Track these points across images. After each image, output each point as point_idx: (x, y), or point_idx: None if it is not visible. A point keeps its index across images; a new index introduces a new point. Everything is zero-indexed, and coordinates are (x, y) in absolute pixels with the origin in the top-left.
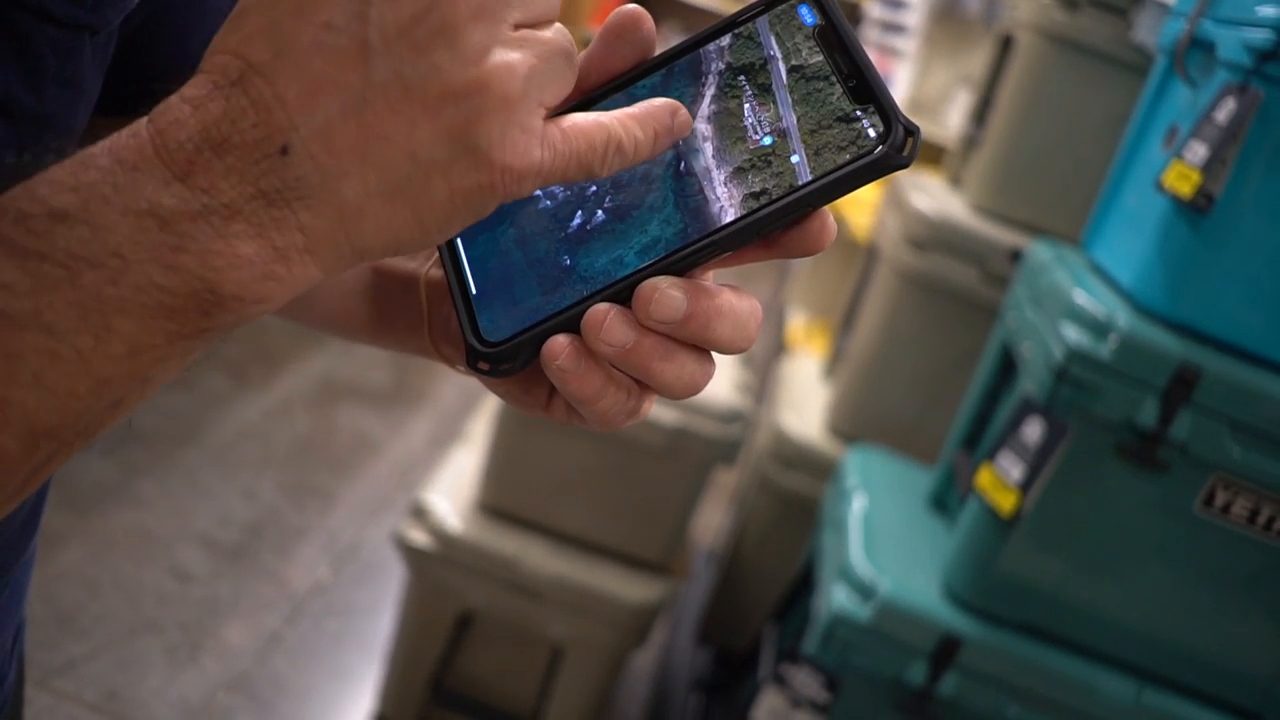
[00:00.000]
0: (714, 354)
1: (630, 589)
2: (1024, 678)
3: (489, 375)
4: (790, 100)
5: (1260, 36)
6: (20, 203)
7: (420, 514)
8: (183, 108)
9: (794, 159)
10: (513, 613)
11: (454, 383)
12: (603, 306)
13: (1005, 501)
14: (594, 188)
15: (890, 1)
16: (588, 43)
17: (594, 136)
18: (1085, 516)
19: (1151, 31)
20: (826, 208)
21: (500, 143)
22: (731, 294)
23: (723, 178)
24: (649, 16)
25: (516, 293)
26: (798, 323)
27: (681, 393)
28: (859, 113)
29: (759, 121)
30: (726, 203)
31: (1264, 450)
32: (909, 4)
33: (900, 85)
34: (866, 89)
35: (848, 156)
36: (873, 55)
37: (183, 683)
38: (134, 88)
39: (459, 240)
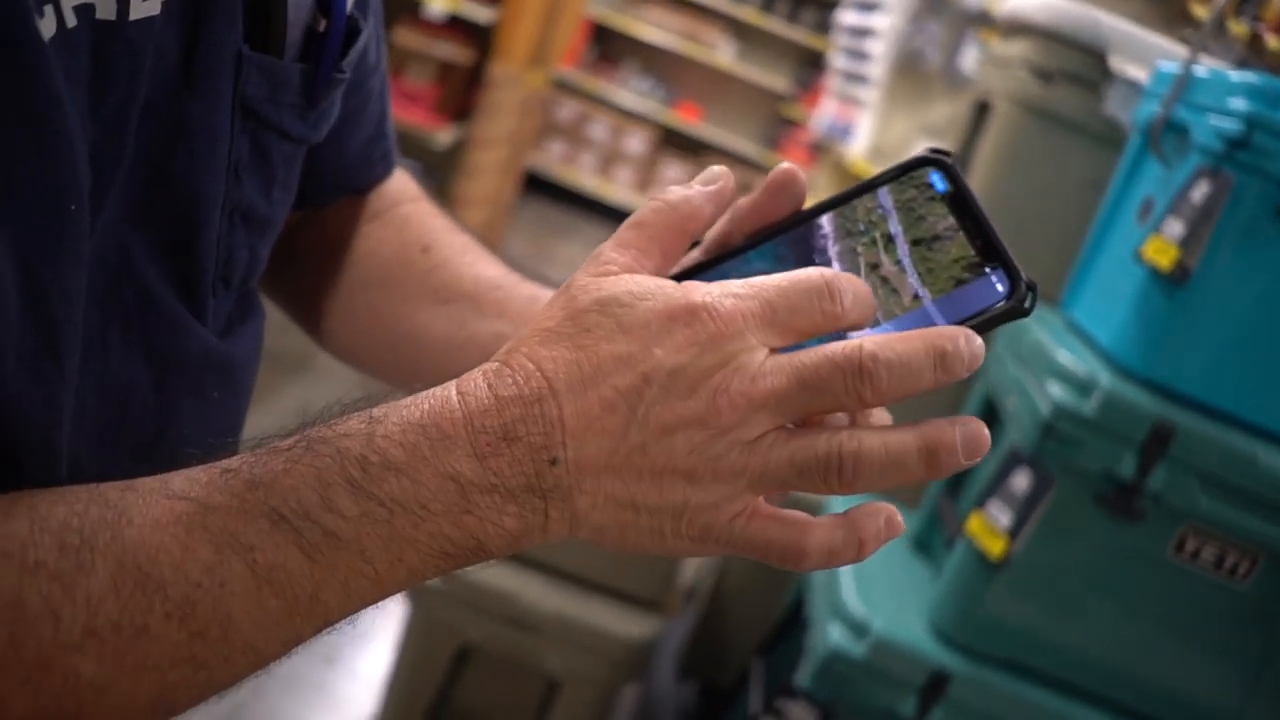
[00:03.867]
0: None
1: (625, 624)
2: (1008, 712)
3: None
4: (928, 257)
5: (1231, 126)
6: (364, 449)
7: None
8: (490, 397)
9: (932, 308)
10: (510, 646)
11: None
12: None
13: (995, 546)
14: None
15: (853, 53)
16: (554, 82)
17: (767, 538)
18: (1066, 560)
19: (1121, 106)
20: None
21: (691, 522)
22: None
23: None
24: (803, 174)
25: None
26: None
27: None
28: (987, 269)
29: (903, 273)
30: None
31: (1230, 501)
32: (871, 56)
33: (862, 133)
34: (991, 247)
35: (978, 308)
36: (835, 105)
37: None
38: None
39: None
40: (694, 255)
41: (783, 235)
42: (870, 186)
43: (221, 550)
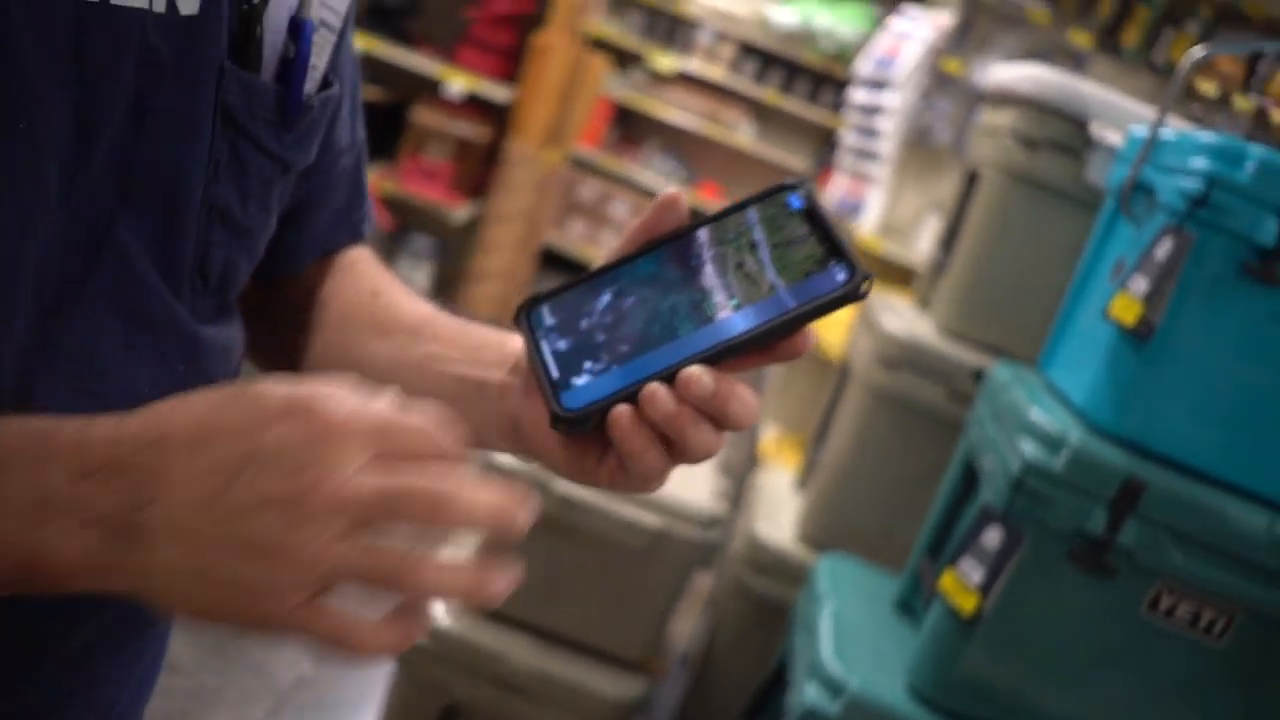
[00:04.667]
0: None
1: (611, 685)
2: None
3: (568, 433)
4: (784, 256)
5: (1192, 185)
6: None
7: None
8: (114, 431)
9: (785, 294)
10: (496, 707)
11: None
12: (656, 385)
13: (966, 603)
14: (639, 318)
15: (864, 130)
16: (576, 161)
17: (320, 630)
18: (1040, 618)
19: (1101, 172)
20: (808, 326)
21: (259, 598)
22: (740, 384)
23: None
24: (684, 198)
25: (586, 378)
26: (770, 437)
27: (701, 455)
28: (832, 263)
29: (762, 269)
30: (740, 321)
31: (1204, 558)
32: (881, 133)
33: (872, 209)
34: (837, 248)
35: (821, 292)
36: (846, 181)
37: None
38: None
39: (543, 344)
40: (599, 264)
41: (667, 245)
42: (740, 207)
43: None
